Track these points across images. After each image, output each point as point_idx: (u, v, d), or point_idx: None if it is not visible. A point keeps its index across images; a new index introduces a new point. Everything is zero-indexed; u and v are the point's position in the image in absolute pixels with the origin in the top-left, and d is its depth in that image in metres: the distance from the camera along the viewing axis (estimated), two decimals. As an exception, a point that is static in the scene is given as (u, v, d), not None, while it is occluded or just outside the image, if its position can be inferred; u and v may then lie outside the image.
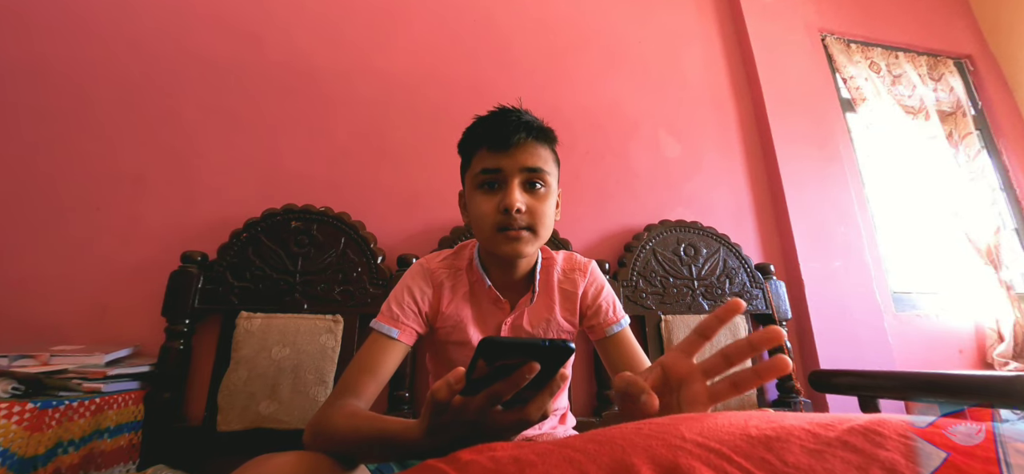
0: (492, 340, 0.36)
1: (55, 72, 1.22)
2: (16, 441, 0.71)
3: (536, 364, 0.38)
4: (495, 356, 0.37)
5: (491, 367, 0.38)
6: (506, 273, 0.76)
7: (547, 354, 0.38)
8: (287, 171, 1.29)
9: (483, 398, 0.39)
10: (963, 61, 2.15)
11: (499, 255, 0.69)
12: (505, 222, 0.66)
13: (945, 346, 1.63)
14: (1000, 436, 0.29)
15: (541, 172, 0.67)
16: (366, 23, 1.50)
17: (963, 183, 1.83)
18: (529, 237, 0.67)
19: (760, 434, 0.30)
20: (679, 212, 1.50)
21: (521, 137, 0.66)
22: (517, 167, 0.66)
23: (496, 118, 0.68)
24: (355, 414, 0.57)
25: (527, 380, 0.38)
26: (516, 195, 0.65)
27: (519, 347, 0.38)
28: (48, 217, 1.12)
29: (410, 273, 0.77)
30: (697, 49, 1.81)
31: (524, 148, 0.67)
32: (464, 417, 0.40)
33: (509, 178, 0.66)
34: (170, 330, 1.03)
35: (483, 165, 0.67)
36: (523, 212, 0.66)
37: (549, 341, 0.37)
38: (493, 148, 0.66)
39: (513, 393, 0.39)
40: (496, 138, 0.66)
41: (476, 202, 0.68)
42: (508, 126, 0.66)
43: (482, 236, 0.70)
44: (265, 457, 0.48)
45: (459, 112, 1.46)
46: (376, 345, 0.68)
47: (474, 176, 0.69)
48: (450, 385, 0.39)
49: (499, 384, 0.39)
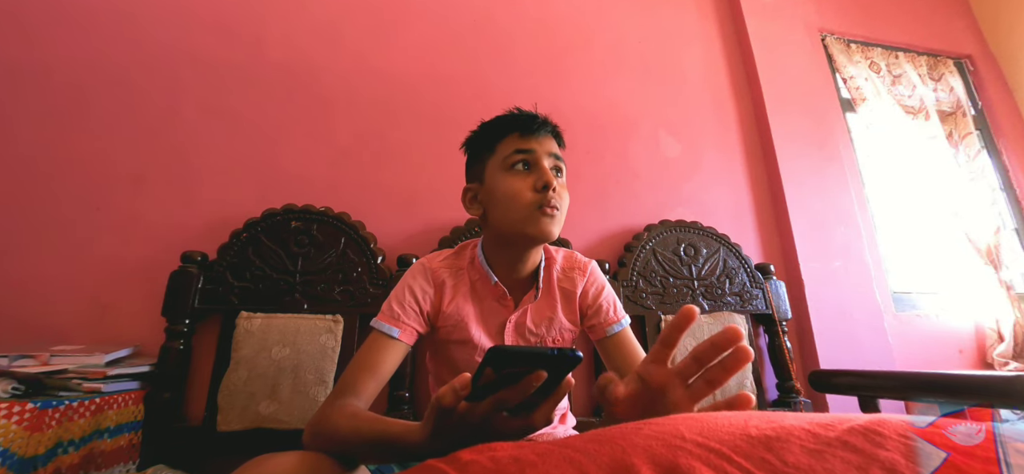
0: (501, 349, 0.36)
1: (55, 72, 1.22)
2: (16, 441, 0.71)
3: (543, 373, 0.38)
4: (503, 364, 0.37)
5: (498, 374, 0.38)
6: (514, 268, 0.75)
7: (554, 363, 0.38)
8: (287, 171, 1.28)
9: (489, 405, 0.39)
10: (963, 61, 2.15)
11: (529, 236, 0.69)
12: (543, 200, 0.67)
13: (945, 346, 1.63)
14: (1000, 436, 0.29)
15: (562, 163, 0.73)
16: (366, 23, 1.50)
17: (963, 183, 1.83)
18: (559, 218, 0.70)
19: (760, 434, 0.30)
20: (679, 212, 1.50)
21: (547, 129, 0.73)
22: (546, 151, 0.71)
23: (520, 113, 0.73)
24: (356, 414, 0.57)
25: (533, 388, 0.38)
26: (551, 174, 0.68)
27: (527, 356, 0.38)
28: (48, 217, 1.12)
29: (411, 272, 0.76)
30: (697, 49, 1.81)
31: (549, 139, 0.73)
32: (468, 422, 0.40)
33: (540, 159, 0.70)
34: (170, 330, 1.03)
35: (515, 146, 0.70)
36: (556, 191, 0.68)
37: (557, 350, 0.37)
38: (525, 133, 0.70)
39: (519, 401, 0.39)
40: (527, 125, 0.71)
41: (508, 183, 0.69)
42: (535, 118, 0.72)
43: (516, 215, 0.68)
44: (265, 457, 0.47)
45: (459, 112, 1.46)
46: (376, 344, 0.68)
47: (504, 159, 0.70)
48: (456, 391, 0.39)
49: (505, 391, 0.39)
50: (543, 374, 0.38)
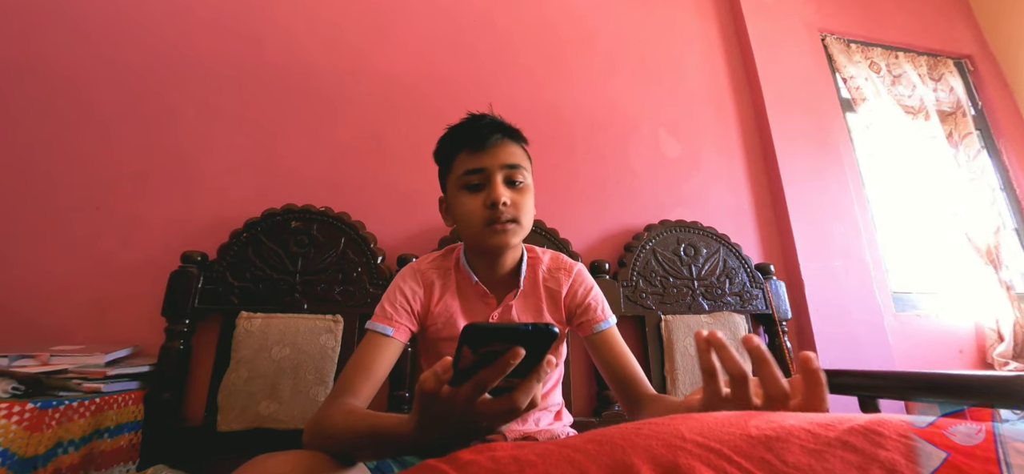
0: (475, 326, 0.36)
1: (55, 72, 1.22)
2: (16, 441, 0.71)
3: (521, 350, 0.38)
4: (479, 342, 0.37)
5: (476, 354, 0.38)
6: (492, 269, 0.78)
7: (532, 339, 0.37)
8: (287, 171, 1.28)
9: (470, 387, 0.39)
10: (963, 61, 2.14)
11: (488, 248, 0.72)
12: (492, 216, 0.69)
13: (945, 346, 1.63)
14: (1000, 436, 0.29)
15: (519, 168, 0.72)
16: (366, 23, 1.50)
17: (963, 183, 1.83)
18: (515, 228, 0.70)
19: (760, 434, 0.30)
20: (679, 212, 1.50)
21: (498, 137, 0.71)
22: (498, 164, 0.70)
23: (471, 122, 0.73)
24: (351, 412, 0.58)
25: (512, 366, 0.38)
26: (500, 189, 0.69)
27: (503, 332, 0.38)
28: (48, 217, 1.12)
29: (401, 275, 0.79)
30: (697, 49, 1.81)
31: (502, 146, 0.71)
32: (453, 407, 0.40)
33: (492, 175, 0.70)
34: (170, 330, 1.03)
35: (466, 167, 0.70)
36: (508, 205, 0.69)
37: (532, 325, 0.37)
38: (474, 148, 0.70)
39: (499, 380, 0.39)
40: (475, 140, 0.70)
41: (461, 202, 0.71)
42: (484, 128, 0.71)
43: (470, 233, 0.72)
44: (265, 457, 0.48)
45: (459, 112, 1.44)
46: (371, 344, 0.70)
47: (457, 178, 0.71)
48: (437, 375, 0.39)
49: (485, 371, 0.39)
50: (521, 351, 0.38)
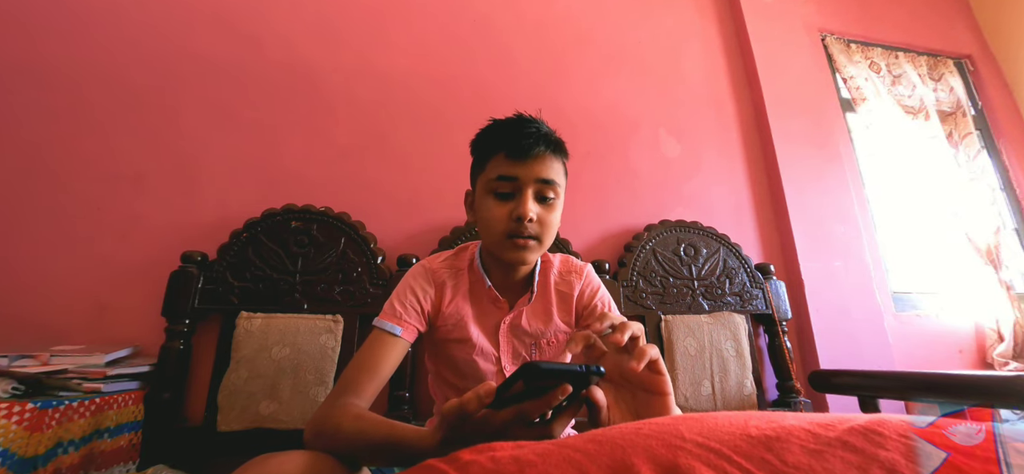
0: (536, 366, 0.37)
1: (55, 72, 1.22)
2: (16, 441, 0.71)
3: (569, 386, 0.39)
4: (535, 379, 0.38)
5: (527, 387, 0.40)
6: (506, 275, 0.77)
7: (580, 378, 0.39)
8: (287, 171, 1.28)
9: (513, 414, 0.40)
10: (963, 61, 2.15)
11: (504, 260, 0.71)
12: (516, 229, 0.67)
13: (945, 346, 1.63)
14: (1000, 436, 0.29)
15: (554, 184, 0.69)
16: (366, 23, 1.50)
17: (963, 183, 1.83)
18: (535, 246, 0.69)
19: (760, 434, 0.30)
20: (679, 212, 1.50)
21: (540, 149, 0.67)
22: (532, 177, 0.67)
23: (516, 126, 0.68)
24: (361, 416, 0.57)
25: (559, 401, 0.40)
26: (529, 205, 0.66)
27: (560, 373, 0.39)
28: (48, 217, 1.12)
29: (412, 273, 0.78)
30: (697, 49, 1.81)
31: (541, 159, 0.67)
32: (486, 430, 0.41)
33: (524, 187, 0.67)
34: (170, 330, 1.03)
35: (499, 172, 0.67)
36: (534, 222, 0.67)
37: (584, 367, 0.39)
38: (511, 156, 0.67)
39: (543, 412, 0.41)
40: (515, 147, 0.66)
41: (488, 206, 0.69)
42: (528, 136, 0.66)
43: (490, 240, 0.71)
44: (265, 457, 0.48)
45: (459, 112, 1.46)
46: (378, 342, 0.69)
47: (488, 181, 0.69)
48: (480, 398, 0.40)
49: (532, 403, 0.40)
50: (569, 388, 0.39)
